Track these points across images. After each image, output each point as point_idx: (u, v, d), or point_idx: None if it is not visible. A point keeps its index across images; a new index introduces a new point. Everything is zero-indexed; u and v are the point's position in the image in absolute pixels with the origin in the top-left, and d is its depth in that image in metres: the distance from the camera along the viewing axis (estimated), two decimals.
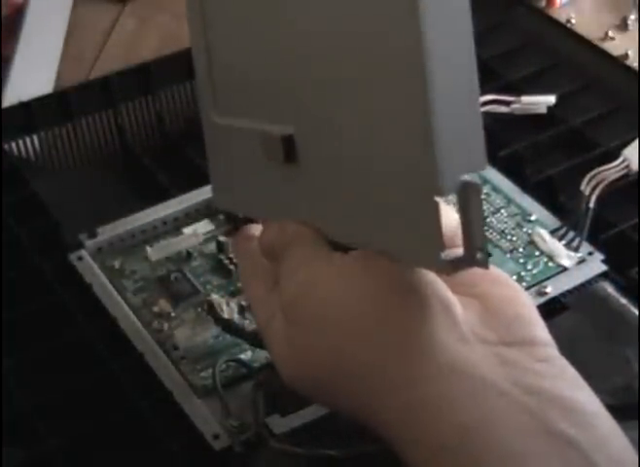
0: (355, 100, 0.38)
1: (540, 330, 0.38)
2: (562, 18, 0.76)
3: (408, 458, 0.35)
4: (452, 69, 0.34)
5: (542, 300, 0.52)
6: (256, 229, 0.47)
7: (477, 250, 0.35)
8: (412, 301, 0.37)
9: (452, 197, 0.35)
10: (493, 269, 0.39)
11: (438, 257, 0.35)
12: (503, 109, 0.61)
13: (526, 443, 0.33)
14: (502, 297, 0.39)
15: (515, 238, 0.56)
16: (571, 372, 0.37)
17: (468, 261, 0.35)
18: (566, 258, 0.54)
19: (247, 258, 0.46)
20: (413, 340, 0.36)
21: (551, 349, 0.37)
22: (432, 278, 0.38)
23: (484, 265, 0.35)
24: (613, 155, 0.59)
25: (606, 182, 0.56)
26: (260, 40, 0.42)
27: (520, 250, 0.55)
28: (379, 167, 0.37)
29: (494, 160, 0.60)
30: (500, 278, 0.40)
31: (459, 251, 0.35)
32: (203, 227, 0.58)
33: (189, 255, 0.56)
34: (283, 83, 0.41)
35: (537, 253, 0.55)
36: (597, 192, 0.56)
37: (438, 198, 0.35)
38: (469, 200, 0.35)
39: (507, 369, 0.35)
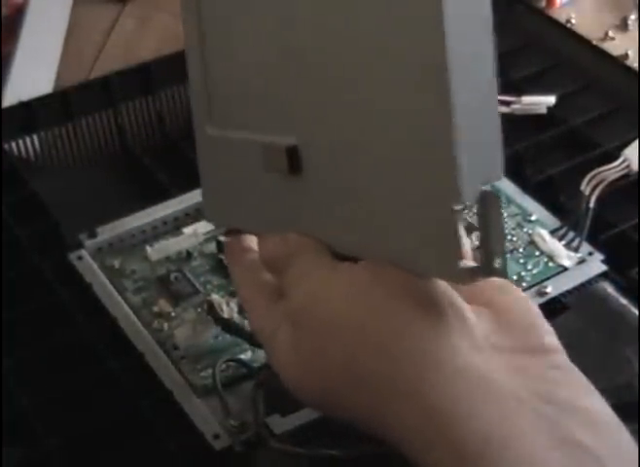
0: (368, 109, 0.37)
1: (551, 337, 0.38)
2: (562, 18, 0.76)
3: (422, 465, 0.35)
4: (474, 79, 0.34)
5: (542, 300, 0.52)
6: (251, 240, 0.46)
7: (495, 260, 0.35)
8: (427, 309, 0.36)
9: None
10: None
11: (456, 267, 0.35)
12: (503, 109, 0.61)
13: (544, 452, 0.33)
14: (511, 304, 0.38)
15: (515, 238, 0.56)
16: (583, 379, 0.36)
17: (486, 271, 0.35)
18: (566, 258, 0.54)
19: (245, 271, 0.45)
20: (428, 347, 0.36)
21: (563, 356, 0.37)
22: (445, 287, 0.37)
23: (503, 274, 0.35)
24: (613, 155, 0.59)
25: (606, 182, 0.56)
26: (261, 48, 0.41)
27: (521, 250, 0.55)
28: (393, 177, 0.37)
29: None
30: (506, 285, 0.40)
31: (473, 261, 0.35)
32: (203, 227, 0.58)
33: (189, 255, 0.56)
34: (287, 92, 0.40)
35: (537, 253, 0.54)
36: (597, 192, 0.56)
37: (456, 207, 0.34)
38: (489, 210, 0.34)
39: (522, 377, 0.35)
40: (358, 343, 0.37)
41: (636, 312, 0.52)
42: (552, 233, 0.56)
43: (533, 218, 0.57)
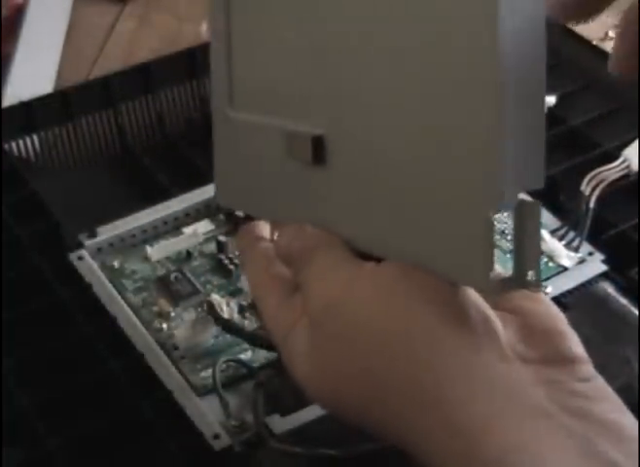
0: (405, 106, 0.35)
1: (578, 347, 0.37)
2: None
3: None
4: (522, 81, 0.33)
5: None
6: (263, 229, 0.44)
7: (529, 271, 0.34)
8: (454, 317, 0.35)
9: None
10: None
11: (487, 277, 0.33)
12: None
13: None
14: (539, 312, 0.37)
15: None
16: (610, 391, 0.36)
17: (519, 282, 0.34)
18: (566, 258, 0.54)
19: (257, 261, 0.42)
20: (454, 357, 0.35)
21: (590, 367, 0.36)
22: (474, 294, 0.36)
23: (536, 286, 0.34)
24: (613, 155, 0.59)
25: (606, 182, 0.56)
26: (293, 34, 0.39)
27: None
28: (426, 178, 0.35)
29: None
30: (532, 293, 0.38)
31: (506, 271, 0.34)
32: (203, 227, 0.58)
33: (189, 255, 0.56)
34: (317, 82, 0.38)
35: None
36: (597, 192, 0.56)
37: (492, 215, 0.33)
38: (527, 219, 0.33)
39: (550, 389, 0.34)
40: (381, 350, 0.36)
41: (636, 312, 0.52)
42: (552, 233, 0.56)
43: None
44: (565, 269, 0.54)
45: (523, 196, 0.34)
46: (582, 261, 0.54)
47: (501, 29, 0.32)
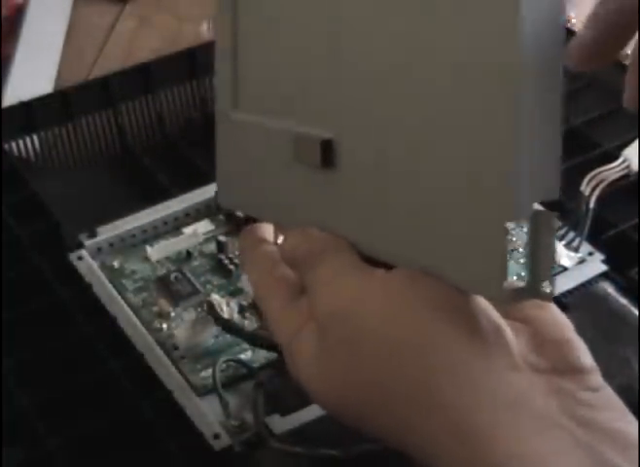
0: (418, 112, 0.34)
1: (586, 356, 0.36)
2: None
3: None
4: (540, 91, 0.32)
5: None
6: (266, 230, 0.43)
7: (542, 281, 0.34)
8: (464, 326, 0.35)
9: None
10: None
11: (500, 286, 0.33)
12: None
13: None
14: (549, 321, 0.37)
15: (514, 238, 0.55)
16: (617, 400, 0.35)
17: (531, 292, 0.34)
18: (566, 258, 0.54)
19: (260, 263, 0.42)
20: (464, 365, 0.34)
21: (599, 377, 0.36)
22: (485, 303, 0.36)
23: (549, 297, 0.34)
24: (613, 155, 0.59)
25: (606, 182, 0.56)
26: (305, 37, 0.38)
27: (520, 250, 0.55)
28: (440, 185, 0.34)
29: None
30: (541, 301, 0.37)
31: (520, 281, 0.34)
32: (203, 227, 0.58)
33: (189, 255, 0.56)
34: (328, 85, 0.38)
35: None
36: (597, 192, 0.56)
37: (507, 225, 0.32)
38: (541, 229, 0.33)
39: (560, 399, 0.34)
40: (390, 357, 0.35)
41: (636, 312, 0.52)
42: None
43: None
44: (565, 269, 0.54)
45: (538, 206, 0.34)
46: (582, 261, 0.54)
47: (521, 36, 0.31)
